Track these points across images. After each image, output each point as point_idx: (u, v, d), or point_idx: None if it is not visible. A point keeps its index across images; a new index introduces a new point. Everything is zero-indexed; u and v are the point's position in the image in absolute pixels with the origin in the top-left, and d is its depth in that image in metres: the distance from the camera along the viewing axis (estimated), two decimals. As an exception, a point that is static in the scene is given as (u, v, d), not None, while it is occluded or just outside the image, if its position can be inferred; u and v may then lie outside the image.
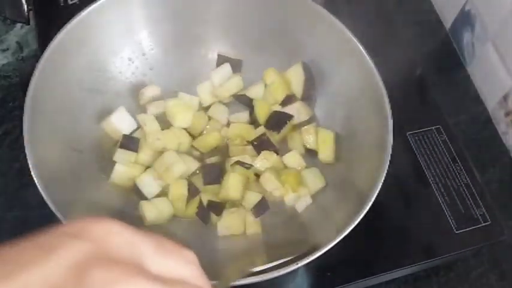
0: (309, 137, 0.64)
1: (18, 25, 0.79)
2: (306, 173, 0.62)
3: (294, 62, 0.67)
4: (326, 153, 0.63)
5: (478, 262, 0.67)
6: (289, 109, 0.65)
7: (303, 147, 0.64)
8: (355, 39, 0.61)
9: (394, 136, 0.56)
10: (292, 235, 0.59)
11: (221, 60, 0.69)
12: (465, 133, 0.76)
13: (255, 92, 0.67)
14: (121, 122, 0.63)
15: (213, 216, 0.60)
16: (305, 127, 0.65)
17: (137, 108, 0.66)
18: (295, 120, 0.65)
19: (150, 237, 0.32)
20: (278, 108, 0.66)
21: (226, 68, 0.68)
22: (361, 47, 0.61)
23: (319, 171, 0.62)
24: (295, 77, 0.66)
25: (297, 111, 0.65)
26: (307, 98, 0.66)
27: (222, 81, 0.67)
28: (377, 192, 0.53)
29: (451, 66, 0.81)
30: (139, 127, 0.64)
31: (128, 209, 0.60)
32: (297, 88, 0.66)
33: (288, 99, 0.66)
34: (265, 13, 0.66)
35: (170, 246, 0.33)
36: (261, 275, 0.48)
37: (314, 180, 0.62)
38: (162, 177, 0.60)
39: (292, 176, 0.61)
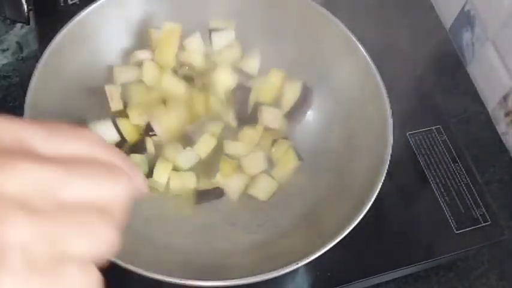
0: (277, 151, 0.63)
1: (18, 25, 0.79)
2: (261, 178, 0.62)
3: (293, 62, 0.67)
4: (280, 173, 0.63)
5: (478, 262, 0.67)
6: (268, 110, 0.64)
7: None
8: (355, 39, 0.61)
9: (394, 136, 0.56)
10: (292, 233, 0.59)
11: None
12: (465, 133, 0.76)
13: (251, 66, 0.66)
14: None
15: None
16: (281, 140, 0.64)
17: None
18: (266, 122, 0.64)
19: (43, 123, 0.26)
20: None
21: (230, 33, 0.66)
22: (361, 47, 0.61)
23: (275, 184, 0.62)
24: (289, 92, 0.65)
25: (274, 117, 0.64)
26: (290, 117, 0.65)
27: (222, 47, 0.66)
28: (377, 192, 0.53)
29: (451, 66, 0.81)
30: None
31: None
32: (286, 103, 0.65)
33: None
34: (264, 13, 0.66)
35: (67, 128, 0.27)
36: (261, 275, 0.48)
37: (264, 188, 0.62)
38: None
39: (228, 163, 0.62)
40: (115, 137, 0.61)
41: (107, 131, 0.61)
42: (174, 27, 0.64)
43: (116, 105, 0.63)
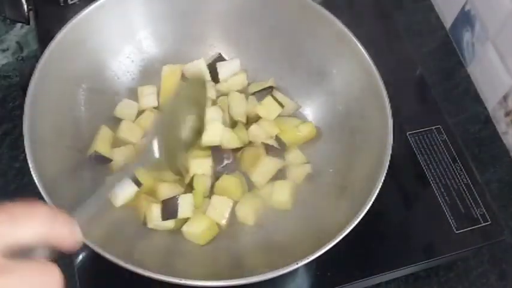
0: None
1: (18, 25, 0.79)
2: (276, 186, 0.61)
3: (293, 62, 0.67)
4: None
5: (478, 262, 0.67)
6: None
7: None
8: (355, 39, 0.61)
9: (394, 136, 0.56)
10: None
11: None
12: (465, 133, 0.76)
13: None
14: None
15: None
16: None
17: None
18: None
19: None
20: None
21: (235, 62, 0.68)
22: (361, 47, 0.61)
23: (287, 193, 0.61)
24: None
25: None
26: None
27: (228, 76, 0.67)
28: (377, 192, 0.53)
29: (451, 66, 0.81)
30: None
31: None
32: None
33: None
34: (265, 13, 0.66)
35: (19, 209, 0.33)
36: (261, 275, 0.48)
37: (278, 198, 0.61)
38: None
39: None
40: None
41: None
42: (174, 68, 0.66)
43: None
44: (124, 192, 0.57)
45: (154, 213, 0.57)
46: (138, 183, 0.58)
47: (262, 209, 0.61)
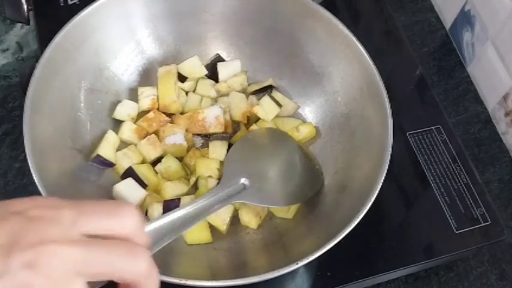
0: None
1: (18, 25, 0.79)
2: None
3: (293, 62, 0.67)
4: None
5: (478, 262, 0.67)
6: None
7: None
8: (355, 39, 0.61)
9: (394, 136, 0.56)
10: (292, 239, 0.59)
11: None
12: (465, 133, 0.76)
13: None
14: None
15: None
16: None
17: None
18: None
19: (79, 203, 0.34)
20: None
21: (236, 63, 0.68)
22: (361, 47, 0.61)
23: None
24: None
25: None
26: None
27: (228, 77, 0.67)
28: (377, 192, 0.53)
29: (451, 66, 0.81)
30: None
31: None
32: None
33: None
34: (265, 13, 0.66)
35: (107, 205, 0.34)
36: (261, 275, 0.48)
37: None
38: None
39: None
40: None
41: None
42: (169, 68, 0.66)
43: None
44: (132, 198, 0.58)
45: (155, 212, 0.57)
46: (143, 185, 0.59)
47: (264, 212, 0.61)
